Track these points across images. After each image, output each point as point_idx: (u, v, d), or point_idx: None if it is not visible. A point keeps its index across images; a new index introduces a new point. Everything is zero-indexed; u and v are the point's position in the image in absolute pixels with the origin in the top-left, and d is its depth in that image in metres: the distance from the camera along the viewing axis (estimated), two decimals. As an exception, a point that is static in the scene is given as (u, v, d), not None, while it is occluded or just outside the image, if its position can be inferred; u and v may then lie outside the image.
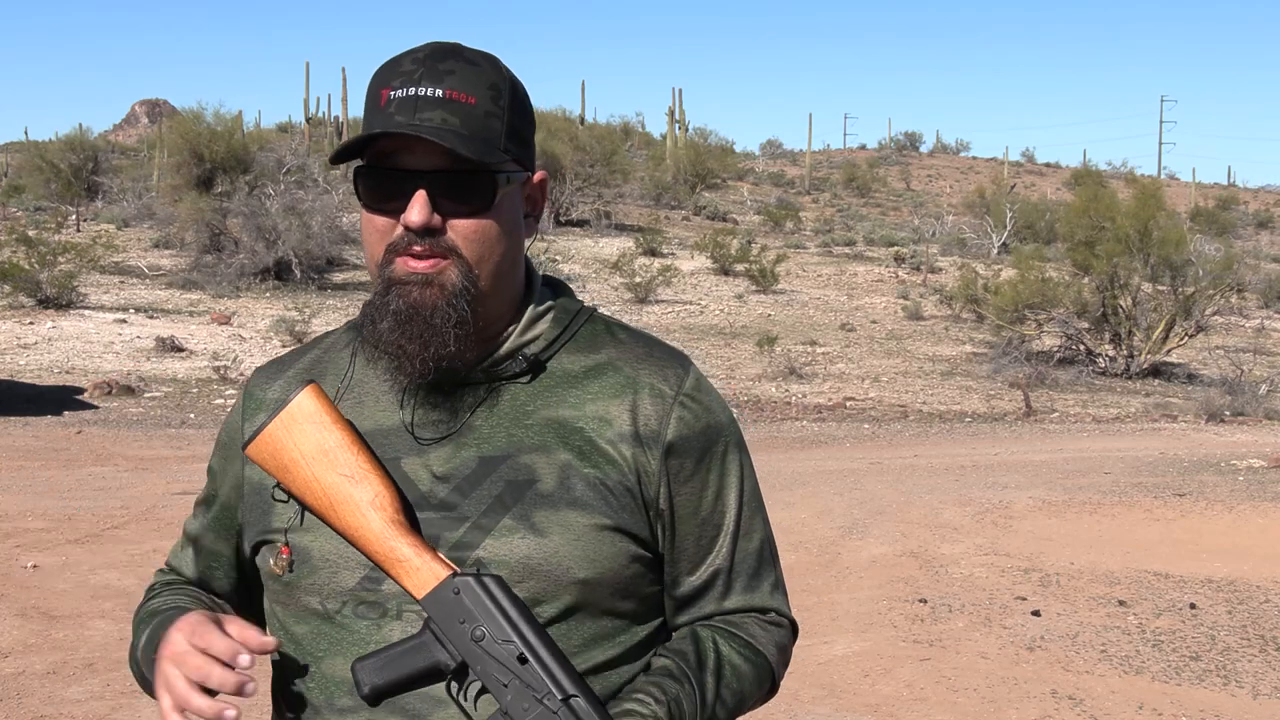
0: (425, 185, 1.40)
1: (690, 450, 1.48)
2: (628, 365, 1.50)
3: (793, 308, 24.79)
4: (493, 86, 1.43)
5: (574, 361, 1.50)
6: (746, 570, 1.53)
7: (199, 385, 15.54)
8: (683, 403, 1.49)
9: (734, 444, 1.53)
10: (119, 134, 62.51)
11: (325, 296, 22.40)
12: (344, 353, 1.56)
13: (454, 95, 1.40)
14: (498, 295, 1.47)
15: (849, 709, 5.25)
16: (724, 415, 1.53)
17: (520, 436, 1.46)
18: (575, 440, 1.45)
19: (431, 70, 1.41)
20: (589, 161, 32.52)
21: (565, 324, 1.52)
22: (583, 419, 1.47)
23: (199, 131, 27.16)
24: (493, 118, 1.42)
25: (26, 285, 20.11)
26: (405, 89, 1.40)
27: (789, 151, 65.01)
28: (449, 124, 1.39)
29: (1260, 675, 5.81)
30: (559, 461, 1.44)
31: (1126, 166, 66.34)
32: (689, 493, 1.48)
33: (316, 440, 1.43)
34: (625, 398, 1.48)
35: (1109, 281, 20.41)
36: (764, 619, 1.54)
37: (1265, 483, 10.79)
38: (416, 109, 1.39)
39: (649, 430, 1.47)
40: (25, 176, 36.82)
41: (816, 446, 13.30)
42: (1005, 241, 33.10)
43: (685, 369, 1.52)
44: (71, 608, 6.39)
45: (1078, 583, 7.39)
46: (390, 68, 1.44)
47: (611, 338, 1.54)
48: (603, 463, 1.45)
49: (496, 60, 1.47)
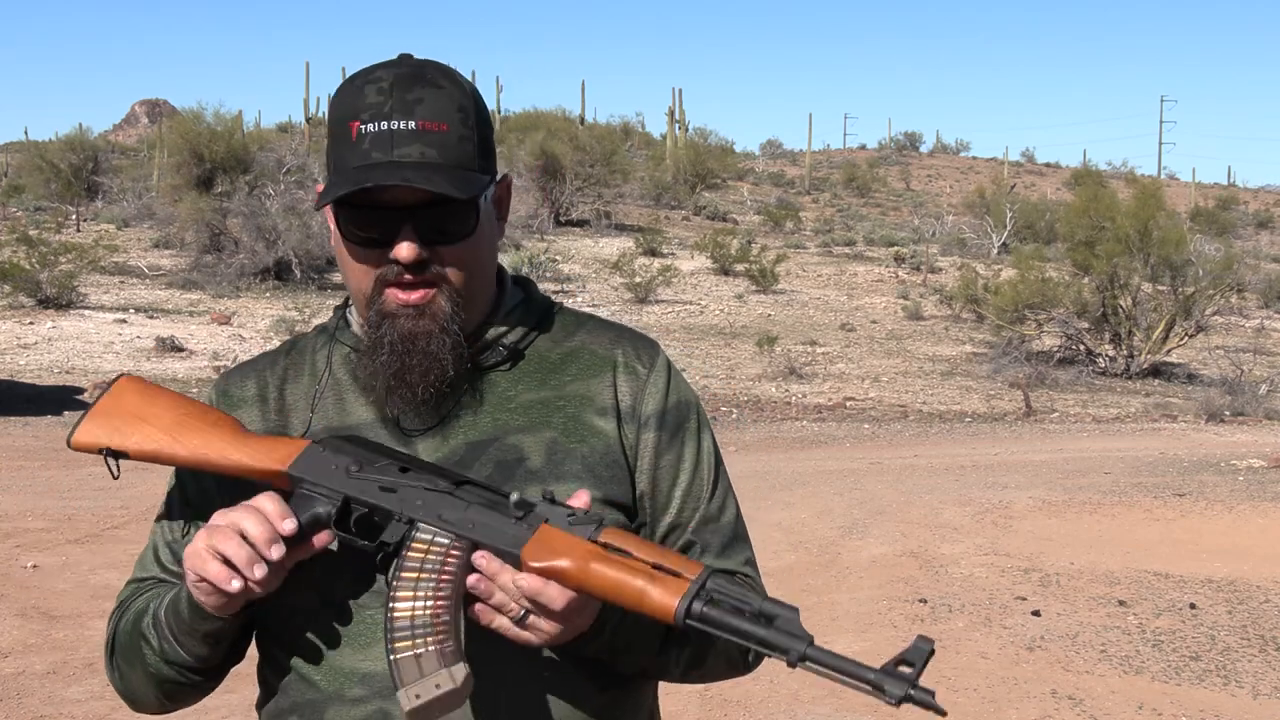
0: (411, 220, 1.41)
1: (666, 424, 1.54)
2: (601, 348, 1.56)
3: (793, 308, 24.79)
4: (461, 109, 1.43)
5: (550, 349, 1.56)
6: (721, 540, 1.57)
7: (199, 385, 15.54)
8: (655, 379, 1.55)
9: (704, 421, 1.60)
10: (119, 134, 62.52)
11: (325, 296, 22.40)
12: (319, 355, 1.57)
13: (427, 125, 1.40)
14: (479, 300, 1.51)
15: (849, 709, 5.25)
16: (691, 394, 1.60)
17: (505, 419, 1.49)
18: (558, 418, 1.50)
19: (400, 102, 1.40)
20: (589, 161, 32.51)
21: (539, 315, 1.57)
22: (564, 398, 1.52)
23: (199, 131, 27.18)
24: (465, 141, 1.43)
25: (26, 285, 20.10)
26: (376, 123, 1.40)
27: (789, 151, 65.04)
28: (427, 157, 1.40)
29: (1260, 675, 5.81)
30: (545, 439, 1.49)
31: (1126, 166, 66.42)
32: (667, 464, 1.54)
33: (141, 400, 1.49)
34: (603, 376, 1.54)
35: (1109, 281, 20.41)
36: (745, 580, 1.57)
37: (1265, 483, 10.78)
38: (393, 144, 1.39)
39: (627, 405, 1.53)
40: (25, 176, 36.84)
41: (816, 446, 13.30)
42: (1005, 241, 33.11)
43: (655, 350, 1.59)
44: (71, 608, 6.39)
45: (1078, 583, 7.38)
46: (354, 96, 1.43)
47: (582, 326, 1.60)
48: (588, 437, 1.50)
49: (455, 75, 1.47)
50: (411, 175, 1.38)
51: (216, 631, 1.42)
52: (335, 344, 1.56)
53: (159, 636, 1.46)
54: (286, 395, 1.55)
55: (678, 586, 1.26)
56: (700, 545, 1.55)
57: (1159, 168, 75.08)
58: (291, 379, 1.56)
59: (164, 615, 1.46)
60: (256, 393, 1.56)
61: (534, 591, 1.29)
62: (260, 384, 1.57)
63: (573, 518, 1.33)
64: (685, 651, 1.47)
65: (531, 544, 1.31)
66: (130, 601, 1.55)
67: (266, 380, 1.57)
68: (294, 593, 1.44)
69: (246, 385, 1.57)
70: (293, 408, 1.54)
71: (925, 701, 1.19)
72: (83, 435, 1.48)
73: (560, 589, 1.29)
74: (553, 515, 1.34)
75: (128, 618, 1.53)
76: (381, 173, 1.38)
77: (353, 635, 1.44)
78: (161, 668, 1.48)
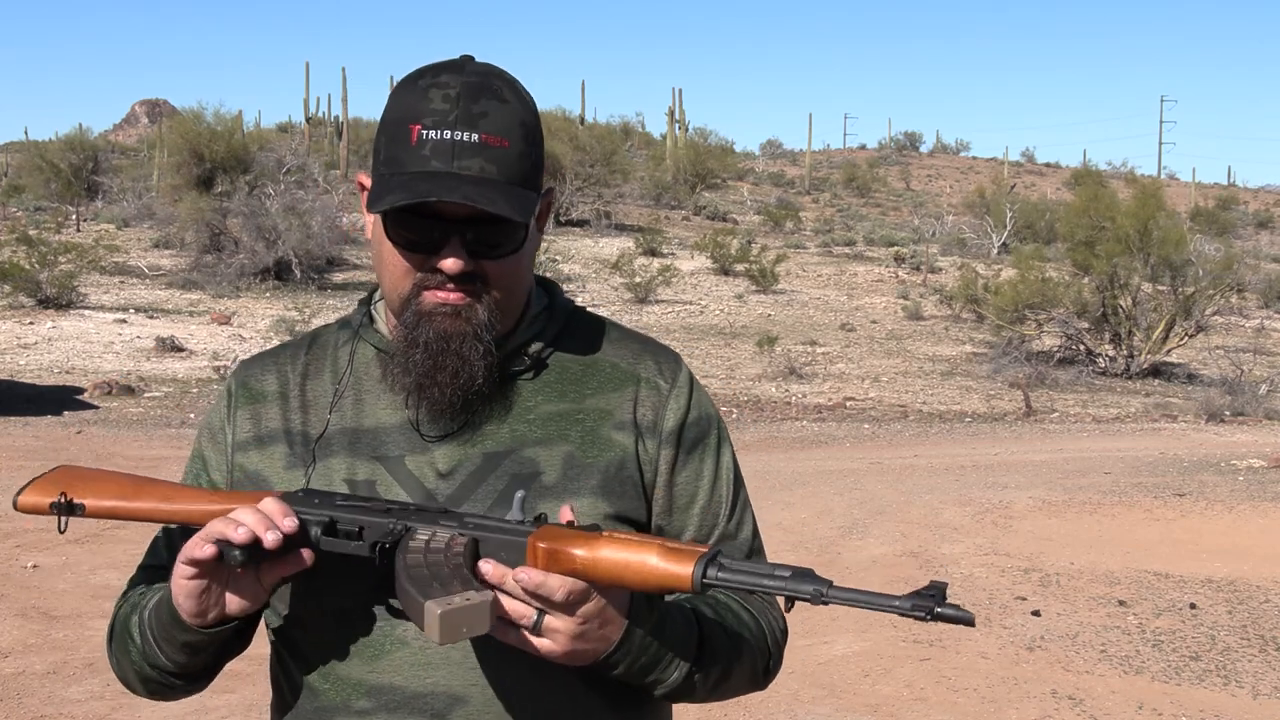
0: (460, 232, 1.40)
1: (686, 440, 1.53)
2: (624, 361, 1.55)
3: (793, 308, 24.79)
4: (523, 124, 1.42)
5: (573, 358, 1.54)
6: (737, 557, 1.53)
7: (199, 385, 15.53)
8: (678, 395, 1.54)
9: (724, 436, 1.59)
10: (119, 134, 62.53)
11: (325, 296, 22.40)
12: (341, 351, 1.55)
13: (490, 140, 1.38)
14: (515, 310, 1.50)
15: (849, 709, 5.25)
16: (713, 409, 1.59)
17: (523, 431, 1.48)
18: (576, 431, 1.49)
19: (465, 113, 1.38)
20: (589, 161, 32.53)
21: (563, 323, 1.56)
22: (583, 411, 1.50)
23: (199, 131, 27.18)
24: (524, 158, 1.41)
25: (27, 285, 20.11)
26: (440, 131, 1.38)
27: (789, 151, 65.06)
28: (487, 172, 1.38)
29: (1260, 675, 5.81)
30: (561, 453, 1.47)
31: (1126, 166, 66.48)
32: (685, 479, 1.53)
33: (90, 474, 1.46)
34: (624, 391, 1.52)
35: (1109, 281, 20.40)
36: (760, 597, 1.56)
37: (1265, 483, 10.78)
38: (454, 155, 1.37)
39: (647, 421, 1.51)
40: (25, 176, 36.87)
41: (816, 446, 13.30)
42: (1005, 241, 33.11)
43: (678, 364, 1.58)
44: (71, 608, 6.39)
45: (1078, 583, 7.38)
46: (418, 98, 1.40)
47: (606, 336, 1.58)
48: (604, 452, 1.48)
49: (519, 88, 1.45)
50: (474, 193, 1.36)
51: (194, 643, 1.40)
52: (359, 341, 1.54)
53: (142, 637, 1.46)
54: (307, 392, 1.53)
55: (690, 555, 1.24)
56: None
57: (1159, 168, 75.17)
58: (313, 374, 1.55)
59: (148, 617, 1.45)
60: (278, 389, 1.54)
61: (535, 584, 1.25)
62: (281, 379, 1.55)
63: (571, 525, 1.31)
64: (715, 669, 1.44)
65: (537, 533, 1.29)
66: (133, 590, 1.55)
67: (288, 375, 1.55)
68: (302, 604, 1.44)
69: (267, 379, 1.56)
70: (312, 405, 1.52)
71: (954, 616, 1.17)
72: (29, 498, 1.44)
73: (560, 578, 1.25)
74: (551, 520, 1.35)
75: (124, 608, 1.52)
76: (442, 185, 1.36)
77: (361, 647, 1.43)
78: (143, 667, 1.47)
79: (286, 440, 1.51)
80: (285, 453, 1.50)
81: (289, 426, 1.52)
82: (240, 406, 1.55)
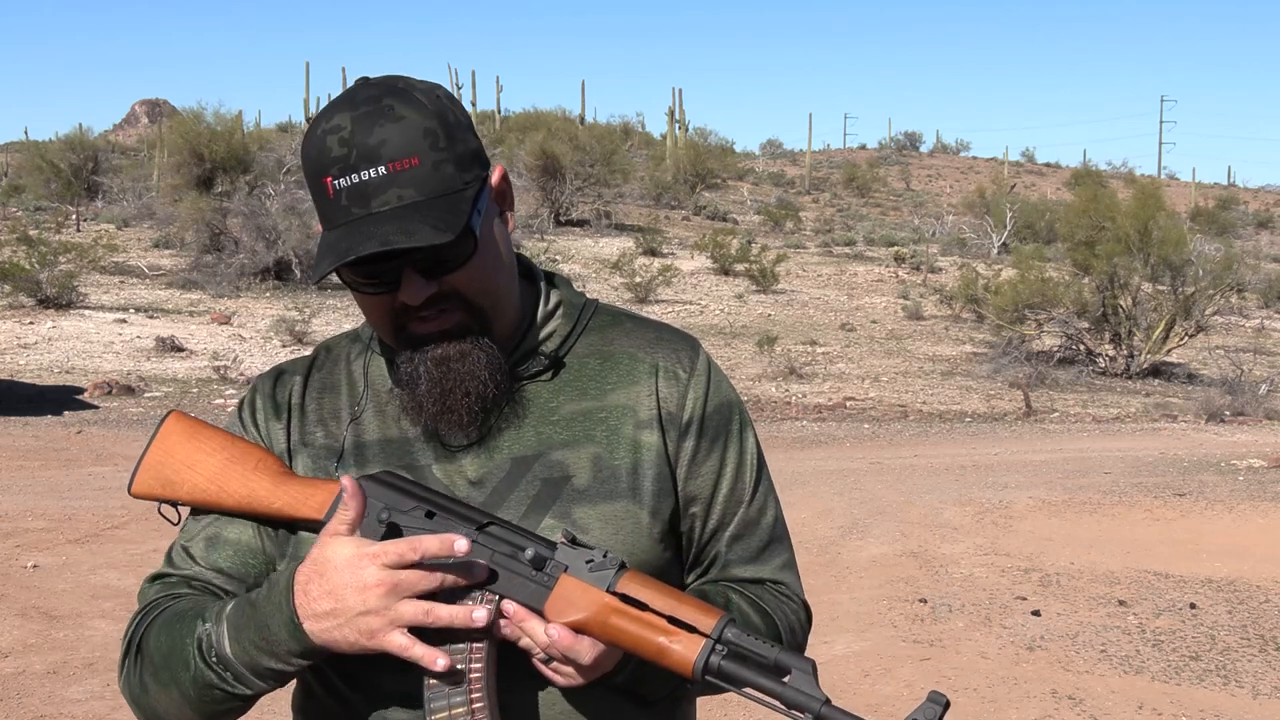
0: (409, 263, 1.38)
1: (708, 428, 1.53)
2: (641, 351, 1.54)
3: (793, 308, 24.79)
4: (427, 132, 1.36)
5: (589, 354, 1.53)
6: (758, 544, 1.56)
7: (199, 385, 15.53)
8: (696, 383, 1.53)
9: (746, 421, 1.58)
10: (119, 134, 62.50)
11: (325, 296, 22.39)
12: (355, 365, 1.55)
13: (397, 166, 1.34)
14: (506, 305, 1.48)
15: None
16: (733, 393, 1.58)
17: (549, 433, 1.47)
18: (601, 431, 1.48)
19: (364, 150, 1.34)
20: (589, 161, 32.50)
21: (575, 318, 1.54)
22: (606, 409, 1.49)
23: (199, 131, 27.22)
24: (441, 164, 1.37)
25: (27, 285, 20.10)
26: (347, 177, 1.35)
27: (789, 151, 65.04)
28: (405, 198, 1.34)
29: (1260, 675, 5.81)
30: (589, 454, 1.47)
31: (1126, 166, 66.40)
32: (709, 470, 1.52)
33: (188, 446, 1.48)
34: (644, 383, 1.51)
35: (1109, 281, 20.40)
36: (775, 589, 1.57)
37: (1265, 483, 10.78)
38: (368, 195, 1.34)
39: (669, 411, 1.51)
40: (25, 176, 36.85)
41: (816, 446, 13.30)
42: (1005, 241, 33.10)
43: (696, 350, 1.56)
44: (71, 608, 6.40)
45: (1078, 583, 7.39)
46: (320, 148, 1.37)
47: (620, 327, 1.57)
48: (631, 451, 1.48)
49: (413, 96, 1.38)
50: (391, 232, 1.32)
51: (294, 672, 1.38)
52: (371, 355, 1.53)
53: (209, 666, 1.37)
54: (325, 406, 1.52)
55: (695, 642, 1.30)
56: (739, 549, 1.55)
57: (1159, 168, 75.09)
58: (330, 387, 1.54)
59: (229, 649, 1.36)
60: (300, 401, 1.53)
61: (566, 647, 1.31)
62: (303, 391, 1.54)
63: (591, 563, 1.34)
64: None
65: (552, 599, 1.33)
66: (160, 607, 1.44)
67: (309, 387, 1.54)
68: None
69: (291, 392, 1.54)
70: (332, 418, 1.51)
71: None
72: (139, 487, 1.50)
73: (592, 643, 1.31)
74: (573, 563, 1.34)
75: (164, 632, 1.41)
76: (361, 235, 1.33)
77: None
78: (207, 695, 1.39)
79: (308, 453, 1.50)
80: (309, 466, 1.49)
81: (308, 440, 1.51)
82: (263, 420, 1.53)
